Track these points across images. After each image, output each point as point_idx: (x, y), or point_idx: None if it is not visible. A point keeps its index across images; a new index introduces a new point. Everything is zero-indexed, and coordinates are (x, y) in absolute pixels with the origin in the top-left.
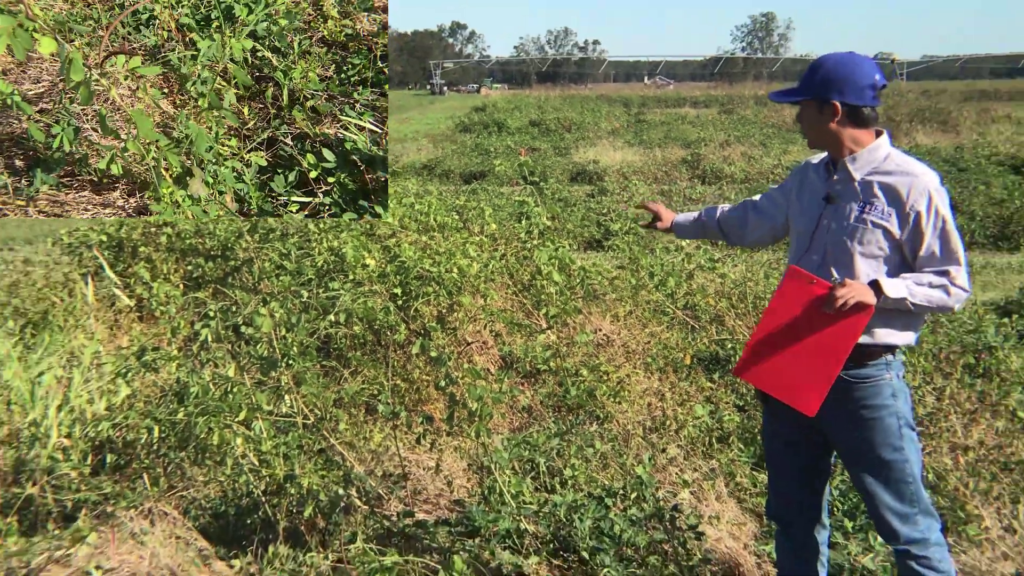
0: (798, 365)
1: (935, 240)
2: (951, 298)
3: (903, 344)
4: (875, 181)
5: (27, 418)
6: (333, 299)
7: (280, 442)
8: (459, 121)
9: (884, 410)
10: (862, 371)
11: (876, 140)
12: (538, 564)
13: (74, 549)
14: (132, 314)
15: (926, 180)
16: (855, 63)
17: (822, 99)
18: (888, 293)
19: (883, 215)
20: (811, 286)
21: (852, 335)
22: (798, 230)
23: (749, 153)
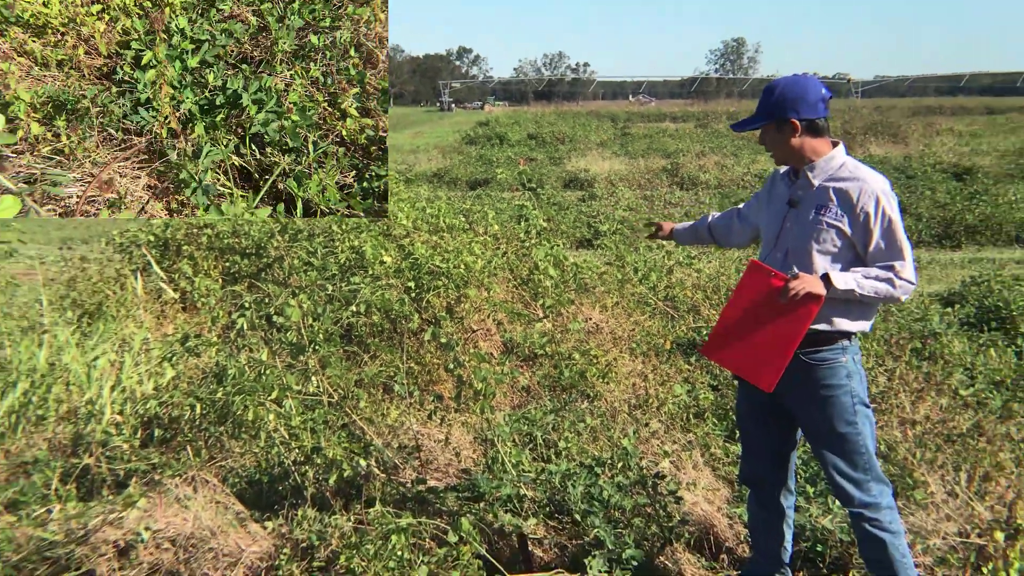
0: (757, 347)
1: (882, 238)
2: (896, 290)
3: (857, 331)
4: (830, 187)
5: (84, 397)
6: (354, 292)
7: (308, 418)
8: (465, 134)
9: (840, 389)
10: (820, 354)
11: (833, 150)
12: (536, 525)
13: (126, 512)
14: (176, 305)
15: (875, 185)
16: (803, 82)
17: (781, 119)
18: (837, 285)
19: (836, 216)
20: (770, 279)
21: (804, 321)
22: (766, 231)
23: (722, 162)
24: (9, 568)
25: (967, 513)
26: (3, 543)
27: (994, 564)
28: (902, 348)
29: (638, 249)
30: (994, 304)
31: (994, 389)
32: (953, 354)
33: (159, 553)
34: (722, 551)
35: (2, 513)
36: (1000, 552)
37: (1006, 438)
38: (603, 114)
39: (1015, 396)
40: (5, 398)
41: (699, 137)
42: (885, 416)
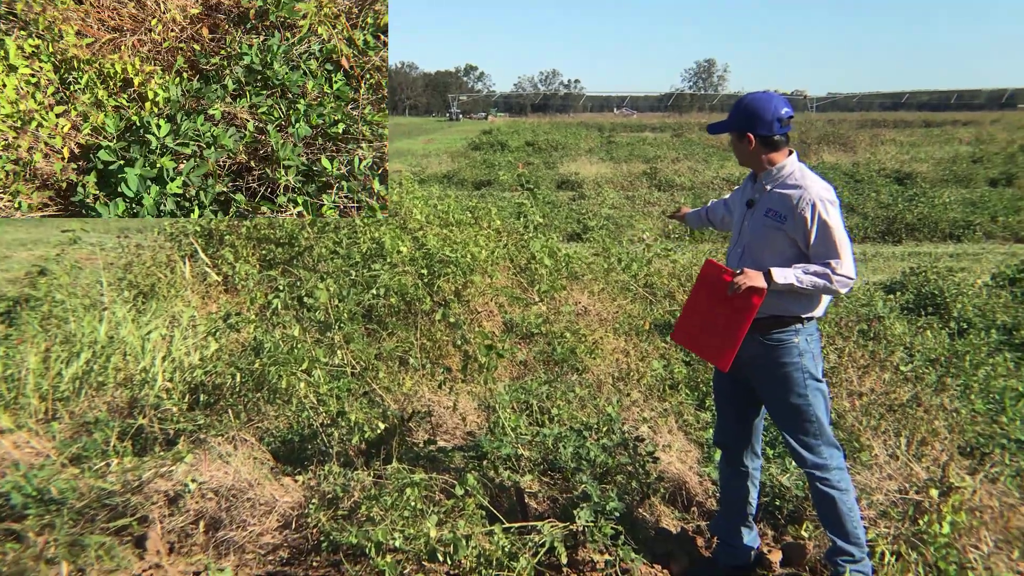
0: (713, 332)
1: (818, 239)
2: (833, 284)
3: (807, 315)
4: (777, 192)
5: (139, 366)
6: (374, 277)
7: (333, 386)
8: (471, 141)
9: (792, 366)
10: (776, 336)
11: (785, 159)
12: (531, 481)
13: (175, 466)
14: (219, 287)
15: (814, 192)
16: (765, 101)
17: (741, 131)
18: (776, 280)
19: (779, 219)
20: (722, 274)
21: (750, 311)
22: (733, 228)
23: (694, 167)
24: (73, 513)
25: (906, 473)
26: (68, 492)
27: (929, 517)
28: (850, 329)
29: (621, 242)
30: (930, 292)
31: (930, 365)
32: (895, 335)
33: (204, 502)
34: (693, 504)
35: (67, 466)
36: (935, 507)
37: (940, 408)
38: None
39: (948, 372)
40: (70, 366)
41: (675, 145)
42: (835, 388)
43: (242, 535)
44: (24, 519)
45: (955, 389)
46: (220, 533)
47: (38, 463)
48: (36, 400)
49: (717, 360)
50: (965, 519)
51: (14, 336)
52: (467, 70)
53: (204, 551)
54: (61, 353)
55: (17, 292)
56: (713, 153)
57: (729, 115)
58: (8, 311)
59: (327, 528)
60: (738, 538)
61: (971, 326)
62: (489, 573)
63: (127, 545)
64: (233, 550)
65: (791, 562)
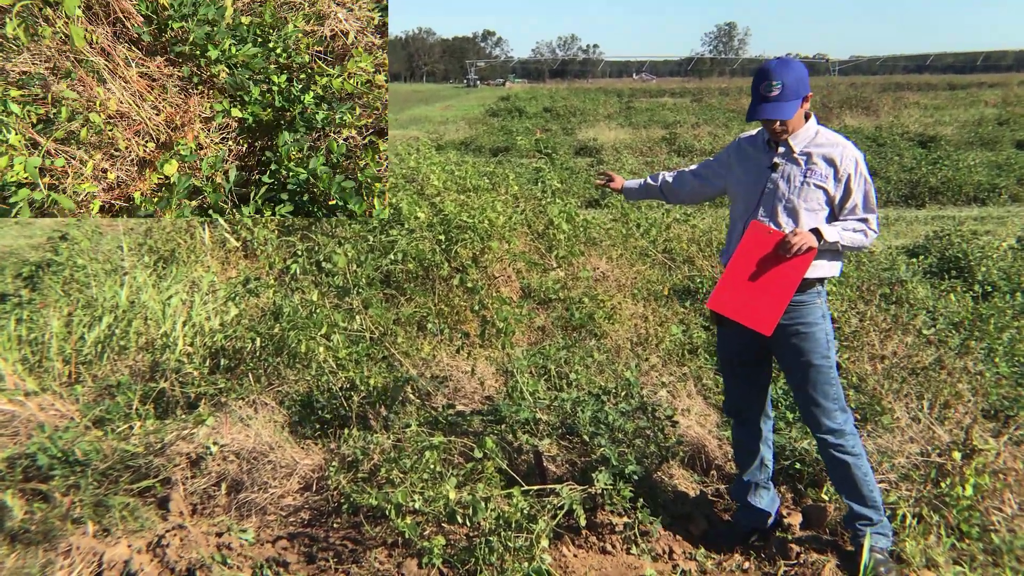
0: (759, 297)
1: (859, 195)
2: (868, 239)
3: (831, 275)
4: (813, 152)
5: (160, 331)
6: (392, 243)
7: (353, 351)
8: (489, 108)
9: (816, 327)
10: (801, 298)
11: (808, 121)
12: (550, 444)
13: (197, 429)
14: (239, 253)
15: (852, 150)
16: (799, 63)
17: (804, 97)
18: (827, 238)
19: (822, 178)
20: (769, 235)
21: (802, 270)
22: (744, 193)
23: (714, 132)
24: (97, 475)
25: (928, 436)
26: (92, 454)
27: (951, 480)
28: (872, 293)
29: (640, 208)
30: (954, 255)
31: (953, 329)
32: (917, 299)
33: (225, 464)
34: (712, 467)
35: (91, 428)
36: (957, 469)
37: (964, 371)
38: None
39: (972, 335)
40: (92, 330)
41: (694, 110)
42: (857, 352)
43: (264, 497)
44: (50, 480)
45: (979, 352)
46: (242, 495)
47: (63, 425)
48: (60, 364)
49: (760, 325)
50: (988, 481)
51: (37, 300)
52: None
53: (226, 512)
54: (83, 317)
55: (39, 257)
56: (733, 118)
57: (785, 88)
58: (31, 276)
59: (347, 490)
60: (758, 500)
61: (996, 289)
62: (508, 535)
63: (150, 506)
64: (255, 511)
65: (811, 524)
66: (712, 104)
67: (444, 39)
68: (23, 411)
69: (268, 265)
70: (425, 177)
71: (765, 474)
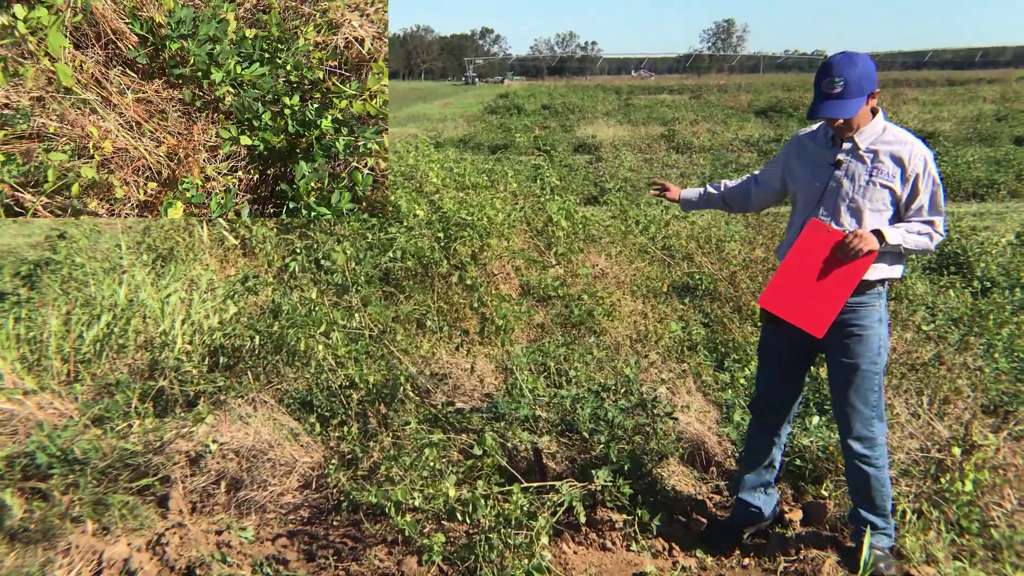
0: (814, 297)
1: (927, 196)
2: (932, 243)
3: (892, 277)
4: (880, 150)
5: (159, 329)
6: (391, 240)
7: (352, 349)
8: (487, 105)
9: (871, 331)
10: (859, 299)
11: (875, 117)
12: (549, 441)
13: (196, 427)
14: (237, 251)
15: (920, 148)
16: (867, 57)
17: (870, 93)
18: (889, 240)
19: (889, 177)
20: (828, 235)
21: (859, 273)
22: (804, 191)
23: (713, 129)
24: (97, 473)
25: (928, 431)
26: (91, 452)
27: (951, 475)
28: None
29: (639, 205)
30: (953, 252)
31: (952, 325)
32: (916, 294)
33: (225, 462)
34: (711, 464)
35: (90, 427)
36: (957, 465)
37: (963, 367)
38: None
39: (971, 331)
40: (91, 329)
41: (693, 107)
42: None
43: (263, 495)
44: (49, 478)
45: (978, 348)
46: (241, 493)
47: (61, 424)
48: (58, 362)
49: (813, 326)
50: (988, 477)
51: (36, 299)
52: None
53: (226, 510)
54: (82, 316)
55: (38, 256)
56: (732, 115)
57: (847, 86)
58: (29, 274)
59: (347, 488)
60: (756, 498)
61: (995, 285)
62: (508, 532)
63: (150, 504)
64: (254, 509)
65: (811, 521)
66: (711, 101)
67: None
68: (22, 410)
69: (267, 263)
70: (424, 175)
71: (770, 475)
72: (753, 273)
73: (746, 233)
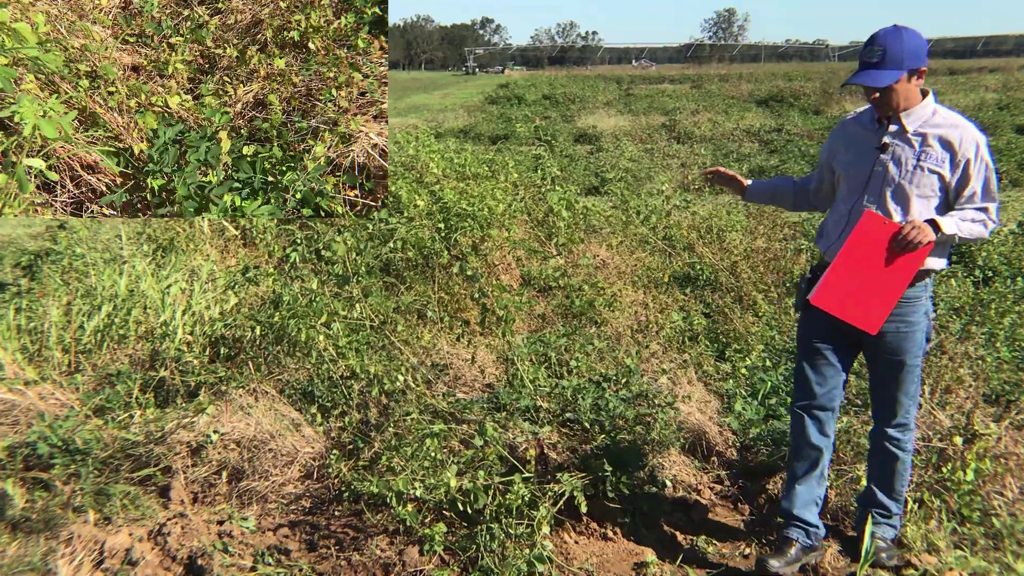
0: (868, 293)
1: (979, 183)
2: (987, 230)
3: (938, 268)
4: (929, 133)
5: (159, 319)
6: (392, 230)
7: (353, 339)
8: (488, 95)
9: (917, 326)
10: (909, 292)
11: (926, 98)
12: (550, 432)
13: (197, 418)
14: (237, 241)
15: (972, 132)
16: (916, 34)
17: (914, 69)
18: (945, 230)
19: (938, 162)
20: (884, 227)
21: (916, 266)
22: (849, 176)
23: (714, 119)
24: (98, 463)
25: (930, 421)
26: (92, 443)
27: (953, 465)
28: None
29: (640, 195)
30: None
31: (954, 314)
32: None
33: (226, 452)
34: (712, 454)
35: (91, 417)
36: (958, 454)
37: (965, 356)
38: (609, 77)
39: (973, 320)
40: (92, 319)
41: (694, 97)
42: None
43: (264, 485)
44: (51, 468)
45: (980, 337)
46: (243, 483)
47: (63, 414)
48: (59, 352)
49: (867, 323)
50: (990, 466)
51: (36, 289)
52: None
53: (227, 501)
54: (83, 306)
55: (38, 246)
56: (733, 105)
57: (888, 57)
58: (30, 265)
59: (348, 478)
60: (815, 517)
61: (996, 274)
62: (509, 522)
63: (151, 495)
64: (256, 500)
65: None
66: (712, 90)
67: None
68: (23, 400)
69: (267, 254)
70: (424, 165)
71: (822, 488)
72: (754, 263)
73: (747, 223)
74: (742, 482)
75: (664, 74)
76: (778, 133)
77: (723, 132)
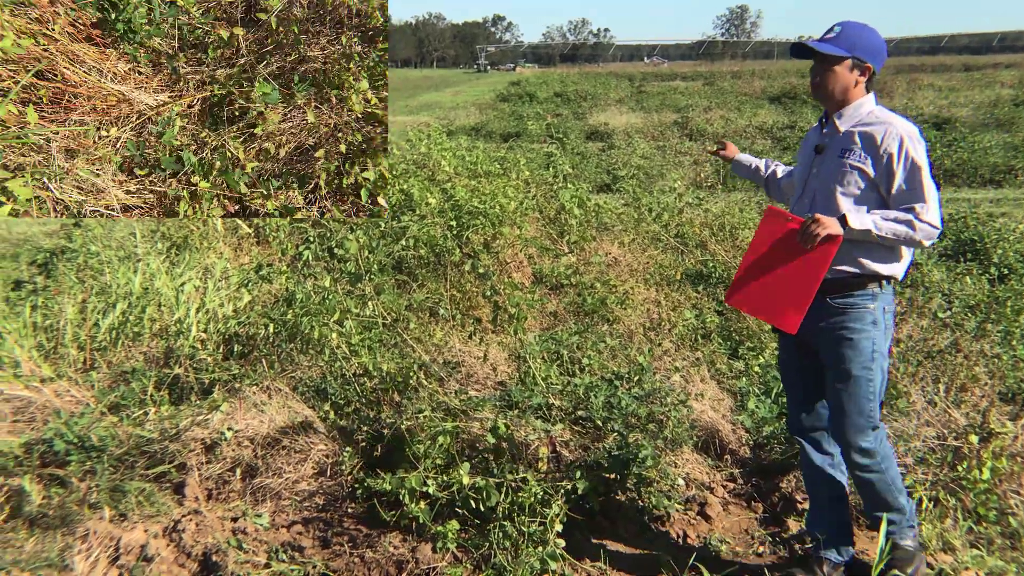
0: (779, 291)
1: (904, 180)
2: (917, 233)
3: (888, 275)
4: (856, 131)
5: (173, 317)
6: (404, 228)
7: (365, 337)
8: (499, 93)
9: (862, 334)
10: (849, 299)
11: (863, 98)
12: (562, 430)
13: (211, 415)
14: (251, 239)
15: (899, 128)
16: (880, 37)
17: (860, 61)
18: (852, 225)
19: (860, 158)
20: (787, 223)
21: (824, 262)
22: (798, 178)
23: (726, 116)
24: (113, 460)
25: (945, 419)
26: (107, 440)
27: (968, 463)
28: None
29: (652, 192)
30: (969, 238)
31: (969, 312)
32: (932, 282)
33: (240, 450)
34: (726, 452)
35: (106, 414)
36: (974, 453)
37: (980, 354)
38: (621, 74)
39: (988, 318)
40: (106, 317)
41: (706, 94)
42: None
43: (278, 482)
44: (67, 465)
45: (996, 335)
46: (256, 480)
47: (78, 411)
48: (75, 350)
49: (782, 322)
50: (1006, 465)
51: (52, 287)
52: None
53: (241, 497)
54: (98, 304)
55: (53, 244)
56: (745, 101)
57: (844, 39)
58: (45, 263)
59: (361, 475)
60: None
61: (1012, 272)
62: (522, 520)
63: (166, 491)
64: (270, 496)
65: None
66: (724, 88)
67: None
68: (39, 397)
69: (280, 251)
70: (436, 163)
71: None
72: None
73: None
74: (755, 480)
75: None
76: (791, 130)
77: (735, 129)
